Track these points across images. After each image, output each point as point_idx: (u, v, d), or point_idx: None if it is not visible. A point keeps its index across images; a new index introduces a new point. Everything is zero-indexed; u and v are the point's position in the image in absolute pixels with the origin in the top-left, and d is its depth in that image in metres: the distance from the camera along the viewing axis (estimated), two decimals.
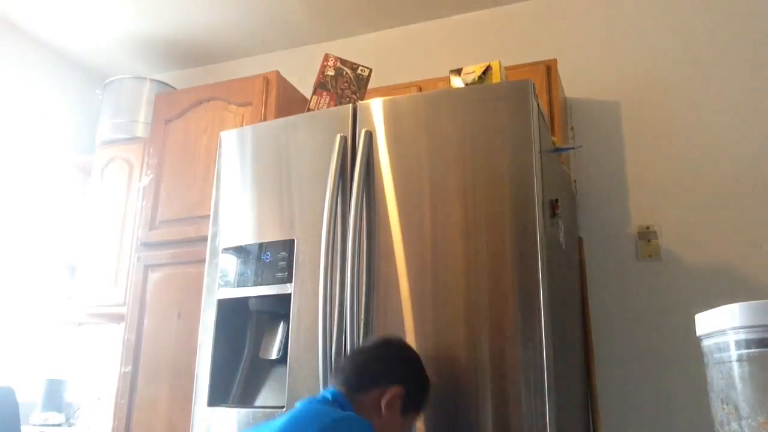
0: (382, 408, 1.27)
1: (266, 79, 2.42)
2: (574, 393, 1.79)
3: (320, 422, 1.12)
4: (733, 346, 0.87)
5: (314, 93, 1.93)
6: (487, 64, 1.78)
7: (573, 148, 2.22)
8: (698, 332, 0.96)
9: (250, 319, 1.78)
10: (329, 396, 1.28)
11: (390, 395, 1.28)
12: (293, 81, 2.60)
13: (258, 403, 1.68)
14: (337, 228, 1.62)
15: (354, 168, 1.62)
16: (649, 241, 2.27)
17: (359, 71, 1.97)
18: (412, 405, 1.33)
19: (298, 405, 1.27)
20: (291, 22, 3.00)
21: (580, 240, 2.30)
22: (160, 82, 3.03)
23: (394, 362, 1.33)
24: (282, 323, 1.72)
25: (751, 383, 0.84)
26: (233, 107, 2.43)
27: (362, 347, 1.39)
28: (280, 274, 1.66)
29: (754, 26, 2.34)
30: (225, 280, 1.76)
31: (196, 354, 1.79)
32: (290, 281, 1.65)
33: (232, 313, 1.75)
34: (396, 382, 1.30)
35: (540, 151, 1.49)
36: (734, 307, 0.87)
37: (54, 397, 2.86)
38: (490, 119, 1.53)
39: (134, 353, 2.30)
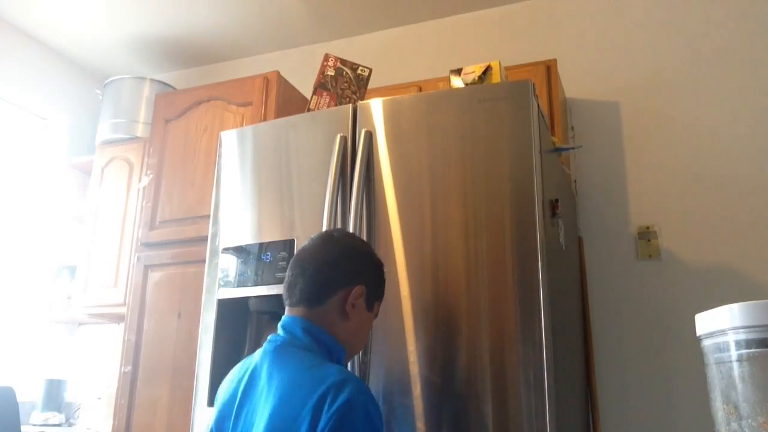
0: (348, 312, 1.22)
1: (266, 79, 2.42)
2: (574, 393, 1.79)
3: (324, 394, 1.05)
4: (733, 346, 0.87)
5: (314, 93, 1.93)
6: (487, 64, 1.78)
7: (573, 148, 2.22)
8: (698, 332, 0.96)
9: (250, 319, 1.77)
10: (297, 332, 1.20)
11: (353, 298, 1.22)
12: (293, 81, 2.60)
13: None
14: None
15: (354, 168, 1.62)
16: (649, 241, 2.27)
17: (359, 71, 1.97)
18: (375, 296, 1.30)
19: (258, 359, 1.19)
20: (291, 22, 3.00)
21: (580, 240, 2.30)
22: (160, 82, 3.03)
23: (347, 262, 1.25)
24: None
25: (751, 383, 0.84)
26: (233, 107, 2.43)
27: (307, 254, 1.26)
28: (280, 274, 1.66)
29: (754, 26, 2.34)
30: (225, 280, 1.76)
31: (196, 354, 1.79)
32: None
33: (232, 313, 1.75)
34: (355, 282, 1.24)
35: (540, 151, 1.49)
36: (734, 307, 0.87)
37: (54, 397, 2.86)
38: (490, 119, 1.53)
39: (134, 353, 2.30)
